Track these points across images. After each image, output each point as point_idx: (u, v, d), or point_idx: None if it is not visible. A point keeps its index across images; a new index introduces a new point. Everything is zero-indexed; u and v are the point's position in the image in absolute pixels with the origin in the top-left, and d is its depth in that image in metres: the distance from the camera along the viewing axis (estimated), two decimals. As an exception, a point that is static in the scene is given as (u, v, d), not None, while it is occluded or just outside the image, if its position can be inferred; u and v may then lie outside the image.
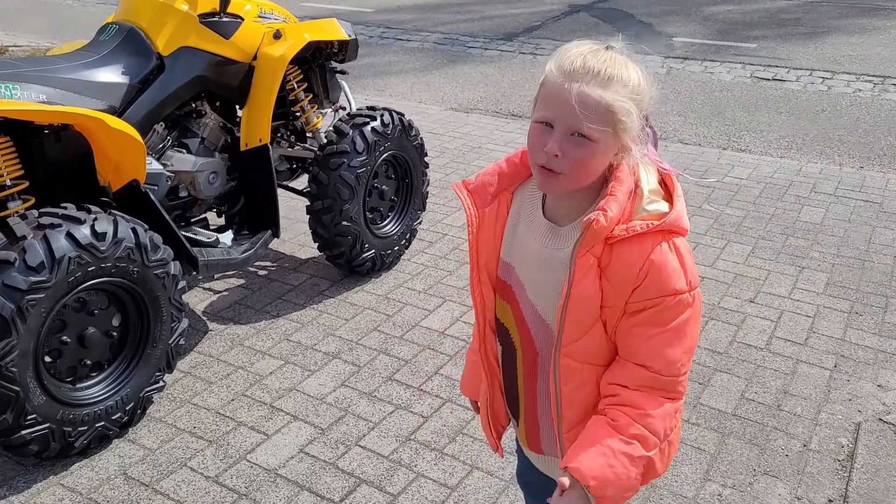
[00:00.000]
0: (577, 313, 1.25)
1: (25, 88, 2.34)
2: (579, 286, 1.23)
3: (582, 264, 1.22)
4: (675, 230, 1.23)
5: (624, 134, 1.20)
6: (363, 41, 8.40)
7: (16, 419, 2.07)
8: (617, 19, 9.61)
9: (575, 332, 1.26)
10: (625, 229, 1.20)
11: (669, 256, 1.21)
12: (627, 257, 1.21)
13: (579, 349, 1.27)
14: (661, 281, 1.20)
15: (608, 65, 1.19)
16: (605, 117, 1.17)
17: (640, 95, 1.21)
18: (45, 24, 9.11)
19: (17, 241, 2.05)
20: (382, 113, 3.26)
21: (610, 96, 1.17)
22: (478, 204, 1.35)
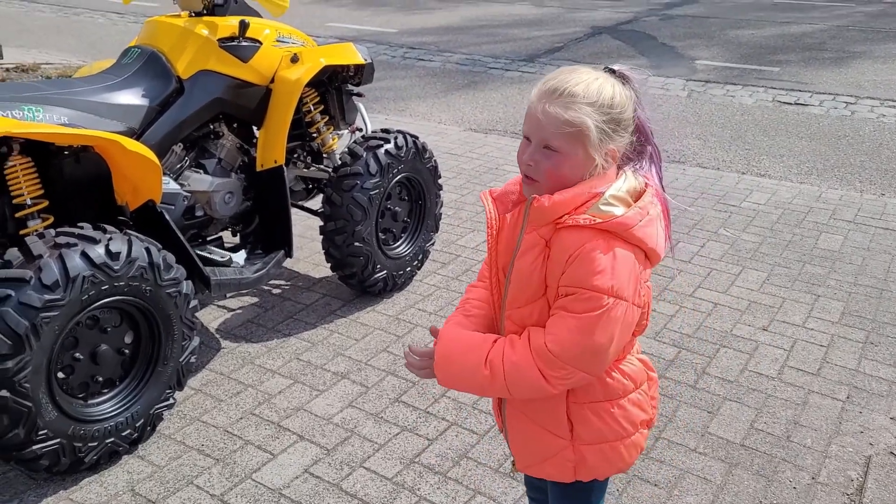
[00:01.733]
0: (517, 283, 1.40)
1: (48, 111, 2.40)
2: (521, 259, 1.38)
3: (527, 240, 1.37)
4: (620, 235, 1.33)
5: (592, 146, 1.32)
6: (385, 61, 8.51)
7: (27, 434, 2.11)
8: (639, 42, 9.63)
9: (514, 299, 1.42)
10: (571, 219, 1.32)
11: (601, 255, 1.31)
12: (565, 242, 1.33)
13: (518, 315, 1.42)
14: (583, 271, 1.31)
15: (574, 85, 1.33)
16: (568, 131, 1.31)
17: (611, 112, 1.33)
18: (77, 43, 9.33)
19: (33, 260, 2.10)
20: (396, 136, 3.30)
21: (570, 114, 1.31)
22: (500, 210, 1.47)
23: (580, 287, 1.30)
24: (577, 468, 1.48)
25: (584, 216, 1.31)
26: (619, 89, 1.35)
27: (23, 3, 12.25)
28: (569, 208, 1.33)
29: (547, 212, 1.33)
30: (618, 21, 11.12)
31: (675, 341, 3.15)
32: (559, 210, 1.33)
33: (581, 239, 1.31)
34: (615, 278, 1.30)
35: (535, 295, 1.38)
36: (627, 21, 11.12)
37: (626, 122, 1.36)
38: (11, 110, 2.31)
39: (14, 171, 2.33)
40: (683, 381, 2.88)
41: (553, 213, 1.33)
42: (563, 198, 1.33)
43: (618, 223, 1.31)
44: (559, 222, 1.33)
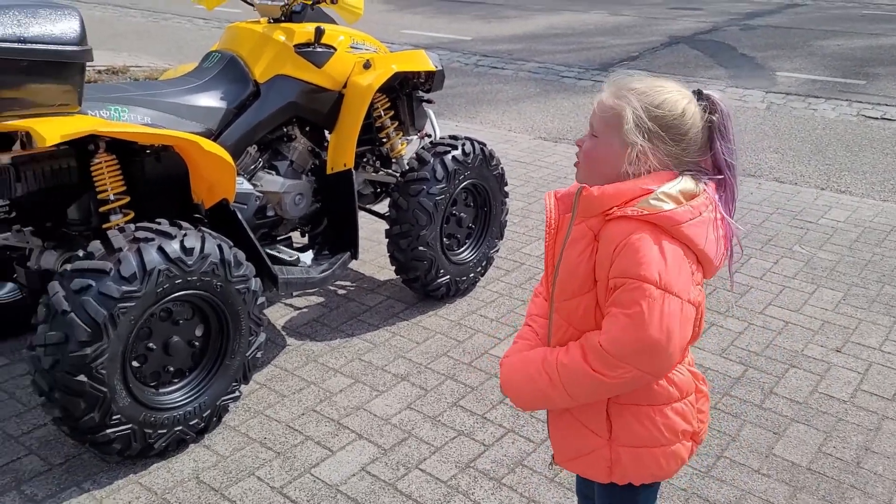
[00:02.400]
0: (564, 273, 1.41)
1: (133, 111, 2.53)
2: (569, 249, 1.40)
3: (576, 231, 1.39)
4: (667, 230, 1.33)
5: (627, 136, 1.35)
6: (458, 69, 8.57)
7: (102, 418, 2.22)
8: (717, 52, 9.42)
9: (562, 291, 1.43)
10: (620, 210, 1.34)
11: (648, 245, 1.31)
12: (612, 233, 1.34)
13: (566, 308, 1.43)
14: (629, 261, 1.31)
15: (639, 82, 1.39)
16: (607, 116, 1.38)
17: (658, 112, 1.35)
18: (164, 47, 9.73)
19: (113, 253, 2.21)
20: (464, 142, 3.33)
21: (615, 101, 1.37)
22: (561, 210, 1.48)
23: (627, 277, 1.31)
24: (613, 468, 1.47)
25: (632, 208, 1.33)
26: (689, 105, 1.37)
27: (116, 8, 12.85)
28: (617, 201, 1.34)
29: (595, 202, 1.35)
30: (696, 30, 10.90)
31: (742, 359, 3.07)
32: (607, 201, 1.34)
33: (627, 229, 1.32)
34: (663, 270, 1.30)
35: (583, 288, 1.39)
36: (706, 31, 10.90)
37: (677, 132, 1.36)
38: (99, 110, 2.43)
39: (100, 167, 2.45)
40: (749, 400, 2.81)
41: (601, 204, 1.35)
42: (612, 190, 1.35)
43: (665, 216, 1.32)
44: (608, 214, 1.35)
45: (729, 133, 1.39)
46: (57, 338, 2.12)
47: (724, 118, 1.39)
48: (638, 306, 1.29)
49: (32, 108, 2.18)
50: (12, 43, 2.08)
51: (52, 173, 2.41)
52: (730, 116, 1.40)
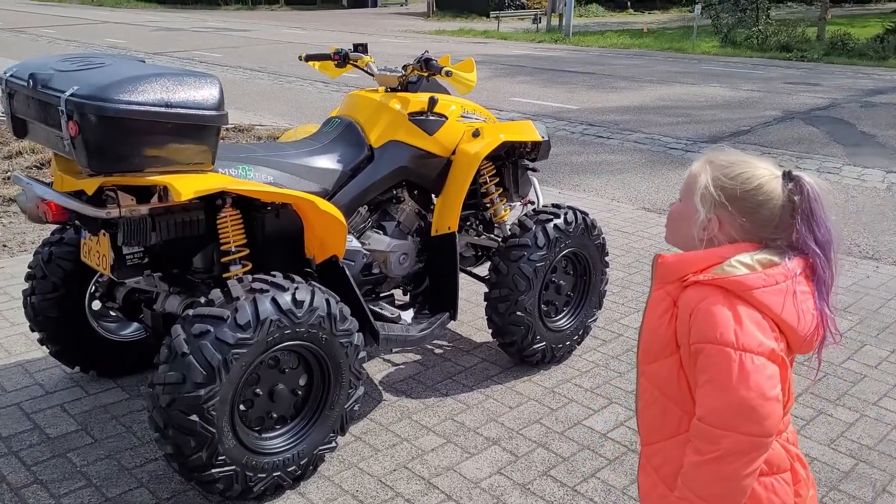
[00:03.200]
0: (645, 337, 1.46)
1: (258, 170, 2.73)
2: (649, 315, 1.45)
3: (654, 297, 1.45)
4: (740, 295, 1.34)
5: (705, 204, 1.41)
6: (564, 137, 8.68)
7: (209, 458, 2.34)
8: (834, 128, 9.14)
9: (645, 355, 1.47)
10: (695, 277, 1.38)
11: (720, 309, 1.33)
12: (688, 299, 1.38)
13: (651, 372, 1.47)
14: (705, 326, 1.33)
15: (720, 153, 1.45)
16: (690, 184, 1.45)
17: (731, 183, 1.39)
18: (287, 108, 10.34)
19: (232, 301, 2.37)
20: (567, 211, 3.38)
21: (695, 167, 1.45)
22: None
23: (705, 342, 1.33)
24: None
25: (704, 275, 1.38)
26: (768, 181, 1.40)
27: (246, 72, 13.80)
28: (692, 268, 1.40)
29: (669, 269, 1.42)
30: (813, 106, 10.63)
31: (852, 451, 2.91)
32: (682, 268, 1.41)
33: (701, 295, 1.36)
34: (738, 330, 1.32)
35: (664, 352, 1.43)
36: (824, 107, 10.61)
37: (745, 205, 1.39)
38: (229, 168, 2.64)
39: (225, 221, 2.65)
40: (859, 496, 2.65)
41: (676, 271, 1.41)
42: (688, 257, 1.41)
43: (735, 281, 1.35)
44: (684, 281, 1.40)
45: (816, 216, 1.38)
46: (175, 378, 2.28)
47: (810, 201, 1.38)
48: (720, 368, 1.31)
49: (172, 166, 2.39)
50: (159, 107, 2.30)
51: (183, 224, 2.62)
52: (818, 199, 1.39)
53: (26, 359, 3.44)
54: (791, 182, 1.40)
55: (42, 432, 2.91)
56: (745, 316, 1.33)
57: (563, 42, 20.53)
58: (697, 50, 18.69)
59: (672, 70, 14.80)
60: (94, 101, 2.19)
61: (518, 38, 21.74)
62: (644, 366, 1.48)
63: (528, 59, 16.41)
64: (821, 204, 1.39)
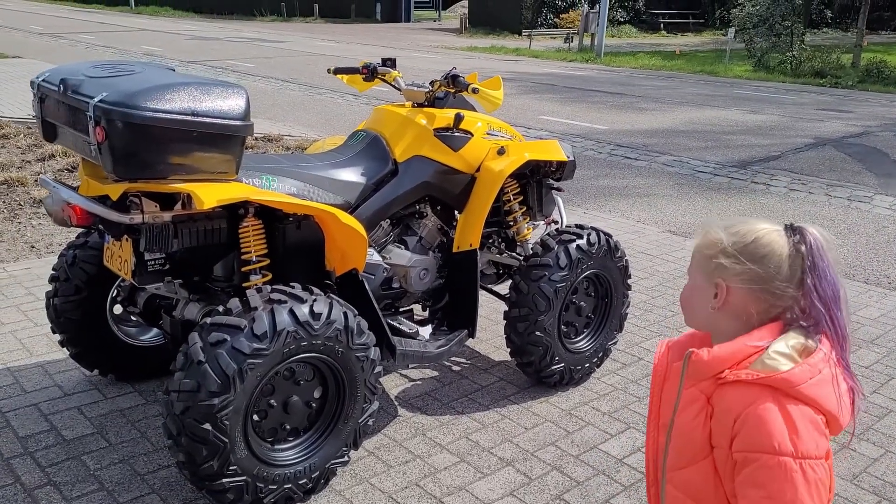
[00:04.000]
0: (678, 442, 1.34)
1: (281, 181, 2.74)
2: (681, 415, 1.33)
3: (686, 396, 1.33)
4: (791, 393, 1.24)
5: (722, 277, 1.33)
6: (591, 157, 8.64)
7: (220, 467, 2.34)
8: (867, 156, 9.00)
9: (676, 460, 1.34)
10: (733, 374, 1.27)
11: (773, 414, 1.22)
12: (729, 401, 1.27)
13: (682, 479, 1.34)
14: (758, 434, 1.22)
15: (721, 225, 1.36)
16: (700, 261, 1.37)
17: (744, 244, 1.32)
18: (316, 119, 10.42)
19: (249, 311, 2.37)
20: (589, 232, 3.35)
21: (702, 242, 1.37)
22: (671, 358, 1.45)
23: (761, 452, 1.22)
24: None
25: (746, 371, 1.26)
26: (769, 233, 1.32)
27: (278, 82, 13.95)
28: (729, 363, 1.28)
29: (704, 366, 1.30)
30: (846, 133, 10.48)
31: (875, 489, 2.83)
32: (718, 365, 1.29)
33: (747, 397, 1.25)
34: (795, 437, 1.21)
35: (698, 455, 1.31)
36: (857, 134, 10.46)
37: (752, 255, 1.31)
38: (253, 178, 2.65)
39: (246, 230, 2.66)
40: (881, 535, 2.58)
41: (711, 369, 1.30)
42: (722, 352, 1.29)
43: (782, 379, 1.24)
44: (720, 377, 1.29)
45: (818, 269, 1.29)
46: (190, 385, 2.28)
47: (812, 252, 1.30)
48: (782, 484, 1.21)
49: (196, 174, 2.41)
50: (186, 115, 2.32)
51: (205, 233, 2.63)
52: (819, 250, 1.30)
53: (47, 360, 3.48)
54: (795, 233, 1.33)
55: (58, 434, 2.93)
56: (797, 417, 1.24)
57: (594, 62, 20.51)
58: (730, 73, 18.56)
59: (703, 93, 14.70)
60: (121, 107, 2.21)
61: (549, 56, 21.77)
62: (673, 472, 1.35)
63: (559, 78, 16.41)
64: (824, 256, 1.31)
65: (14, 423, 2.98)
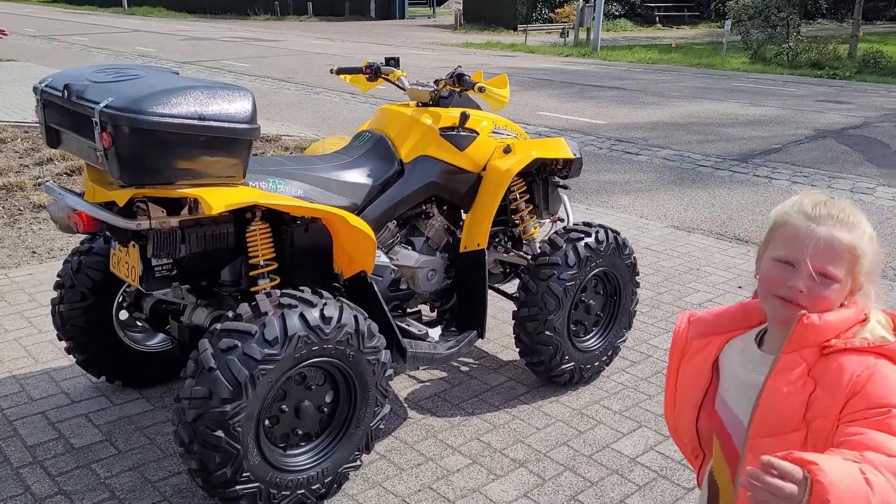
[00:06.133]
0: (767, 408, 1.26)
1: (288, 184, 2.71)
2: (775, 381, 1.26)
3: (787, 361, 1.27)
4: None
5: (860, 275, 1.30)
6: (592, 153, 8.61)
7: (233, 474, 2.32)
8: (868, 148, 8.98)
9: (762, 427, 1.27)
10: (843, 342, 1.24)
11: (893, 375, 1.20)
12: (846, 365, 1.23)
13: (763, 447, 1.24)
14: (883, 391, 1.18)
15: (849, 213, 1.31)
16: (848, 259, 1.28)
17: (872, 237, 1.31)
18: (314, 118, 10.38)
19: (260, 316, 2.35)
20: (598, 230, 3.33)
21: (855, 240, 1.29)
22: (691, 334, 1.43)
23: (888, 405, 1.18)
24: None
25: (858, 339, 1.26)
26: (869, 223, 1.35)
27: (274, 82, 13.90)
28: (837, 332, 1.27)
29: (815, 332, 1.26)
30: (846, 125, 10.47)
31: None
32: (828, 332, 1.26)
33: (864, 363, 1.23)
34: None
35: (788, 425, 1.26)
36: (857, 126, 10.44)
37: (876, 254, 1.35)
38: (259, 181, 2.63)
39: (254, 234, 2.64)
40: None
41: (822, 334, 1.26)
42: (834, 319, 1.27)
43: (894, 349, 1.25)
44: (827, 346, 1.26)
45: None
46: (202, 392, 2.26)
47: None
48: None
49: (203, 179, 2.38)
50: (192, 120, 2.30)
51: (212, 237, 2.60)
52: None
53: (53, 367, 3.45)
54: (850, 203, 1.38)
55: (67, 442, 2.90)
56: None
57: (590, 56, 20.46)
58: (727, 66, 18.52)
59: (701, 86, 14.67)
60: (127, 112, 2.19)
61: (545, 51, 21.72)
62: (758, 439, 1.28)
63: (556, 73, 16.37)
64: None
65: (22, 432, 2.96)
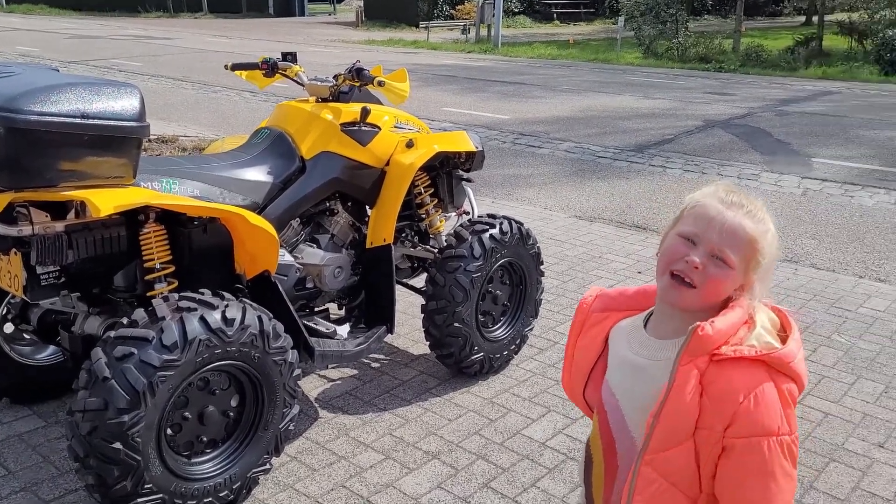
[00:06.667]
0: (669, 422, 1.25)
1: (183, 184, 2.62)
2: (677, 395, 1.24)
3: (683, 373, 1.24)
4: (783, 370, 1.24)
5: (754, 271, 1.29)
6: (495, 147, 8.73)
7: (134, 487, 2.22)
8: (752, 136, 9.49)
9: (662, 441, 1.26)
10: (732, 350, 1.24)
11: (774, 395, 1.22)
12: (733, 379, 1.23)
13: (662, 461, 1.27)
14: (762, 417, 1.20)
15: (759, 209, 1.31)
16: (747, 249, 1.27)
17: (775, 242, 1.31)
18: (212, 118, 10.08)
19: (157, 321, 2.26)
20: (502, 221, 3.37)
21: (759, 233, 1.28)
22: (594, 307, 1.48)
23: (765, 436, 1.21)
24: None
25: (746, 347, 1.24)
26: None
27: (169, 81, 13.42)
28: (726, 338, 1.25)
29: (709, 341, 1.24)
30: (731, 115, 11.01)
31: (782, 451, 2.98)
32: (719, 340, 1.24)
33: (752, 376, 1.22)
34: (791, 415, 1.24)
35: (683, 435, 1.25)
36: (741, 115, 11.01)
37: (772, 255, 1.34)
38: (152, 182, 2.53)
39: (148, 237, 2.53)
40: (789, 494, 2.72)
41: (713, 343, 1.24)
42: (724, 326, 1.25)
43: (780, 356, 1.24)
44: (716, 354, 1.24)
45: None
46: (96, 404, 2.15)
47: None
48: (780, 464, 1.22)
49: (89, 180, 2.27)
50: (75, 118, 2.18)
51: (103, 241, 2.48)
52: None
53: (-68, 387, 3.21)
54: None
55: (-50, 466, 2.71)
56: (788, 395, 1.24)
57: (492, 52, 20.73)
58: (622, 61, 19.16)
59: (598, 80, 15.12)
60: (3, 112, 2.06)
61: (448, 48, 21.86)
62: (654, 454, 1.27)
63: (459, 70, 16.50)
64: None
65: None
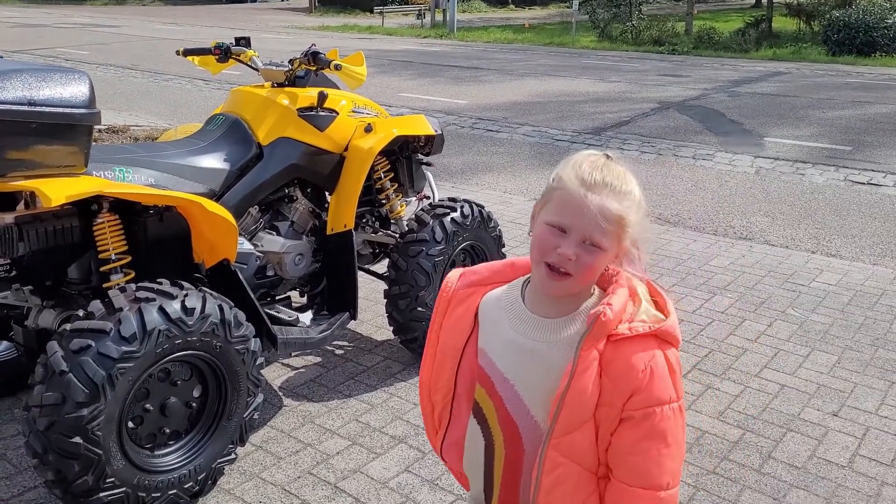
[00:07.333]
0: (573, 407, 1.26)
1: (137, 172, 2.56)
2: (580, 380, 1.25)
3: (585, 357, 1.25)
4: (668, 339, 1.29)
5: (625, 240, 1.28)
6: (454, 132, 8.73)
7: (96, 481, 2.18)
8: (706, 117, 9.64)
9: (567, 425, 1.27)
10: (627, 328, 1.26)
11: (664, 363, 1.27)
12: (630, 357, 1.25)
13: (567, 444, 1.28)
14: (661, 388, 1.25)
15: (622, 179, 1.28)
16: (616, 228, 1.25)
17: (641, 204, 1.30)
18: (164, 107, 9.88)
19: (114, 312, 2.21)
20: (462, 204, 3.38)
21: (624, 210, 1.25)
22: (458, 285, 1.44)
23: (660, 405, 1.25)
24: None
25: (639, 324, 1.27)
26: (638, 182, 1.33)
27: (118, 70, 13.10)
28: (621, 316, 1.27)
29: (609, 325, 1.25)
30: (685, 97, 11.17)
31: (739, 422, 3.06)
32: (616, 320, 1.26)
33: (648, 350, 1.26)
34: (678, 381, 1.28)
35: (587, 417, 1.27)
36: (695, 97, 11.17)
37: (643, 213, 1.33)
38: (104, 171, 2.46)
39: (102, 227, 2.47)
40: (748, 464, 2.79)
41: (612, 325, 1.26)
42: (619, 306, 1.27)
43: (667, 329, 1.28)
44: (613, 334, 1.26)
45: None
46: (53, 399, 2.11)
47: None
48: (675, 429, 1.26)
49: (39, 169, 2.20)
50: (22, 105, 2.12)
51: (55, 233, 2.42)
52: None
53: None
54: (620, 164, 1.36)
55: None
56: (674, 361, 1.28)
57: (448, 37, 20.67)
58: (577, 45, 19.28)
59: (554, 64, 15.19)
60: (-55, 100, 1.98)
61: (403, 33, 21.73)
62: (559, 437, 1.28)
63: (415, 55, 16.42)
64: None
65: None
